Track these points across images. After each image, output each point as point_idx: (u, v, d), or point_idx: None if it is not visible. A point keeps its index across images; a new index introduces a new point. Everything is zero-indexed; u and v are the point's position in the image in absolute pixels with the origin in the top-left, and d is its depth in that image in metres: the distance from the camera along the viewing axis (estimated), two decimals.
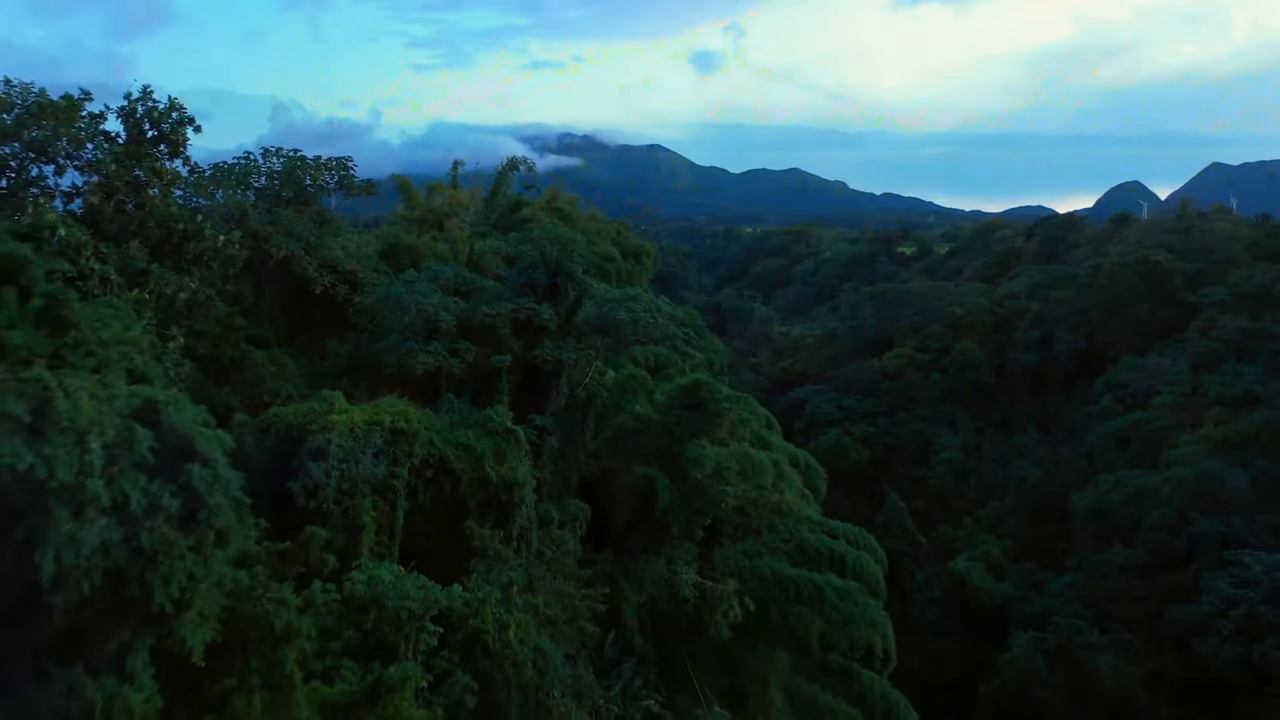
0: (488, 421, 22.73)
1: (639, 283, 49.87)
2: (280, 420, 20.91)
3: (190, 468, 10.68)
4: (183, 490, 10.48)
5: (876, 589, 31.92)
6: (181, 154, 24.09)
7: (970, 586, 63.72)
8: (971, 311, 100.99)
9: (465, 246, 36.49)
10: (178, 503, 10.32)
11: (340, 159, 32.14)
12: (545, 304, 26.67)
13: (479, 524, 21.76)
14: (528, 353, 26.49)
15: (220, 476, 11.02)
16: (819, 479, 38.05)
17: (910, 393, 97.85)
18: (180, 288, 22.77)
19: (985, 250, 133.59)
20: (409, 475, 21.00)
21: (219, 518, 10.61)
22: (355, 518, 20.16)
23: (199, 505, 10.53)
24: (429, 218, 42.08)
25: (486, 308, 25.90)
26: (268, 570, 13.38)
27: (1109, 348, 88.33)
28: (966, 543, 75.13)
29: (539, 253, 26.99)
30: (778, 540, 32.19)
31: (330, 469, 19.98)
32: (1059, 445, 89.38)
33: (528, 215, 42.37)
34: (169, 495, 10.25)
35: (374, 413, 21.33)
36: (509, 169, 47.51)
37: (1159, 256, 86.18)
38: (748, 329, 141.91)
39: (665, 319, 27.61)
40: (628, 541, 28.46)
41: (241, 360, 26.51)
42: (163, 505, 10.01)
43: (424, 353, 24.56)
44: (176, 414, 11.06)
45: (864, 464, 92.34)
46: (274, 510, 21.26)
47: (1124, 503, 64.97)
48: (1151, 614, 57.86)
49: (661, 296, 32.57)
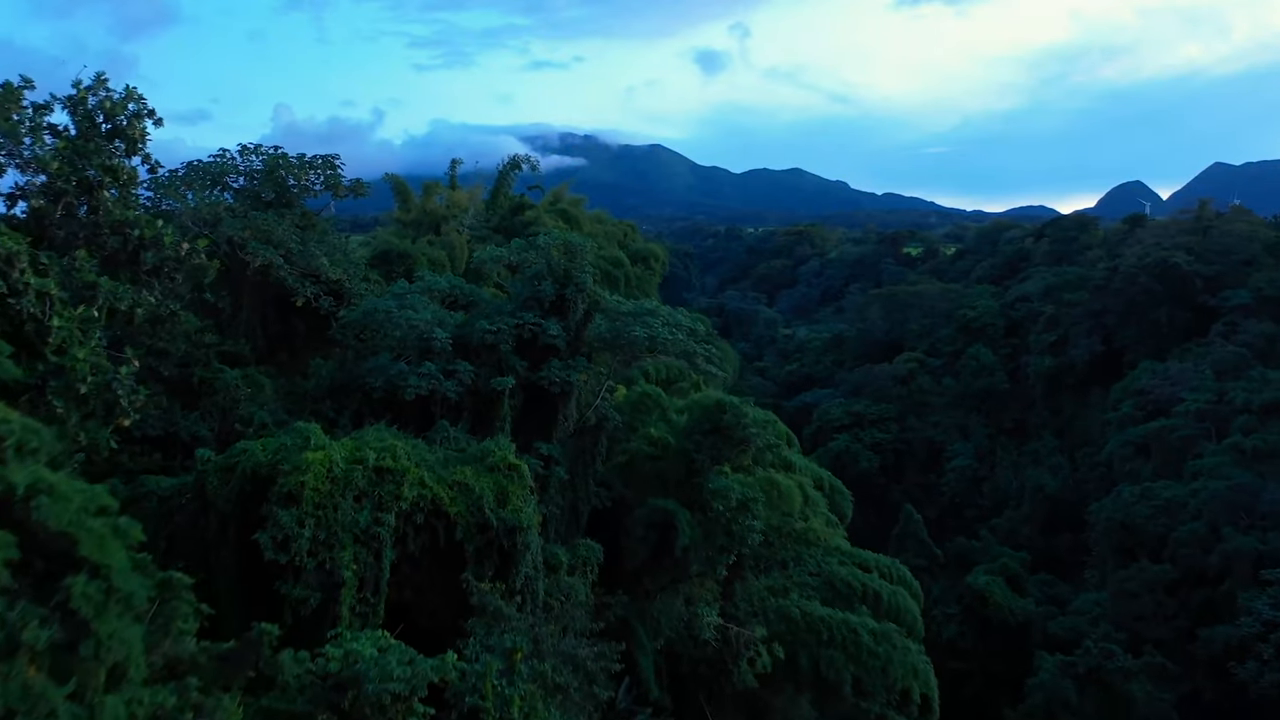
0: (487, 455, 19.75)
1: (648, 288, 46.92)
2: (247, 459, 17.94)
3: (70, 583, 7.71)
4: (58, 614, 7.51)
5: (914, 628, 28.97)
6: (140, 150, 21.08)
7: (991, 603, 60.64)
8: (983, 314, 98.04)
9: (464, 252, 33.49)
10: (49, 633, 7.35)
11: (327, 157, 29.15)
12: (552, 319, 23.67)
13: (477, 575, 18.77)
14: (532, 374, 23.50)
15: (116, 590, 8.00)
16: (845, 502, 35.09)
17: (921, 398, 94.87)
18: (137, 302, 19.75)
19: (993, 251, 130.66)
20: (396, 521, 18.02)
21: (111, 649, 7.63)
22: (333, 573, 17.18)
23: (82, 634, 7.56)
24: (425, 220, 39.00)
25: (486, 324, 22.90)
26: (208, 675, 10.38)
27: (1126, 352, 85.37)
28: (983, 554, 72.11)
29: (545, 262, 24.02)
30: (805, 574, 29.26)
31: (304, 516, 17.02)
32: (1075, 452, 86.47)
33: (531, 218, 39.32)
34: (36, 624, 7.29)
35: (355, 448, 18.35)
36: (510, 169, 44.36)
37: (1177, 258, 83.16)
38: (752, 331, 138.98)
39: (685, 334, 24.64)
40: (643, 580, 25.48)
41: (213, 381, 23.56)
42: (23, 641, 7.06)
43: (415, 375, 21.58)
44: (52, 507, 8.06)
45: (874, 471, 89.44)
46: (242, 565, 18.40)
47: (1150, 516, 62.05)
48: (1183, 634, 55.02)
49: (680, 309, 29.60)
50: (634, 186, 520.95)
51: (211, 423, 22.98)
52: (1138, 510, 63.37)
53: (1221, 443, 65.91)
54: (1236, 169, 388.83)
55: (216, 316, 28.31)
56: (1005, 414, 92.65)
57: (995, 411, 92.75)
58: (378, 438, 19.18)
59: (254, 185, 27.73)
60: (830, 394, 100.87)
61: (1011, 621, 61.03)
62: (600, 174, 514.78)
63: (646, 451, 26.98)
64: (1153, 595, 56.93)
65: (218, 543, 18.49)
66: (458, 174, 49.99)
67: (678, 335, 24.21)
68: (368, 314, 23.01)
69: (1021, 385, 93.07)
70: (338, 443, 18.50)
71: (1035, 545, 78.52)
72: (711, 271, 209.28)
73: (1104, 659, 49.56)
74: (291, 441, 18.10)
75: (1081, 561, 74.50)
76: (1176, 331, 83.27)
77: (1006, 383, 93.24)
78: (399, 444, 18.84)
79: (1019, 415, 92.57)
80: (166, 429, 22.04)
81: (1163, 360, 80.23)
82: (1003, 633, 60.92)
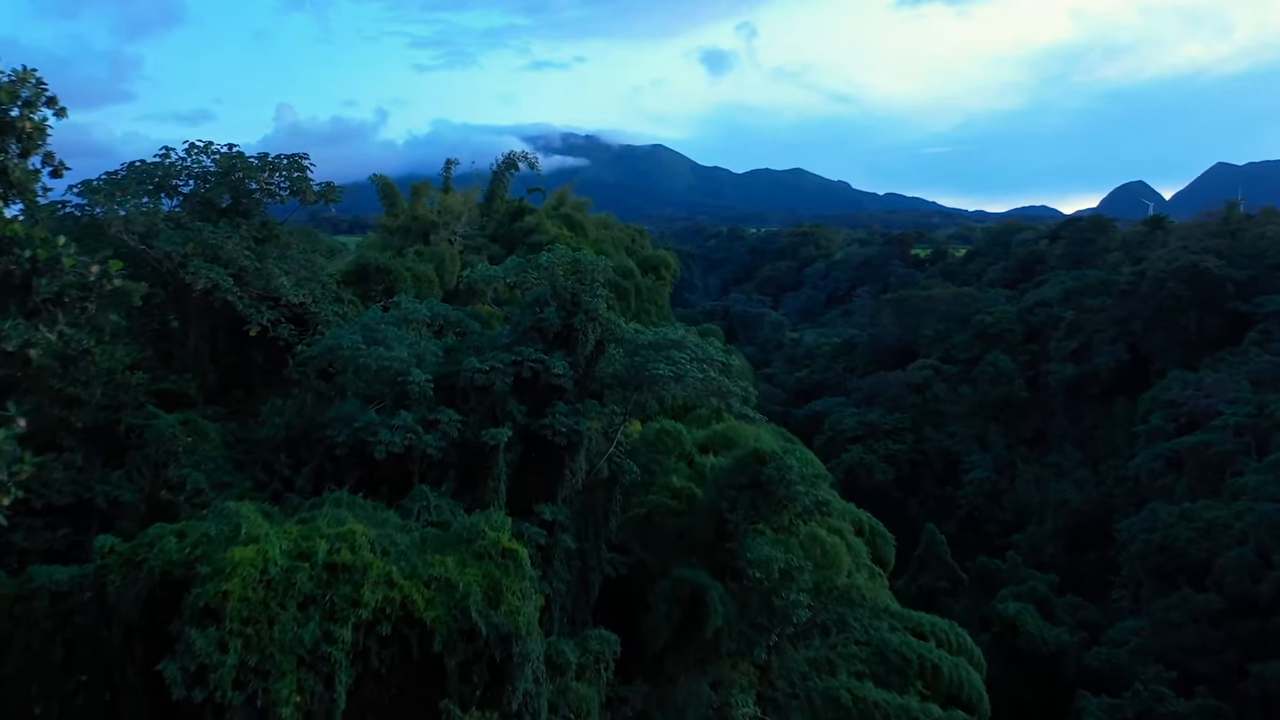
0: (476, 537, 15.29)
1: (660, 300, 42.36)
2: (157, 555, 13.50)
3: None
4: None
5: (979, 706, 24.45)
6: (39, 148, 16.54)
7: (1023, 633, 56.17)
8: (1000, 320, 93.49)
9: (455, 265, 29.01)
10: None
11: (294, 157, 24.63)
12: (557, 353, 19.18)
13: (462, 697, 14.34)
14: (533, 421, 19.02)
15: None
16: (887, 548, 30.65)
17: (937, 406, 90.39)
18: (30, 341, 15.26)
19: (1005, 254, 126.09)
20: (355, 634, 13.58)
21: None
22: (267, 710, 12.74)
23: None
24: (414, 227, 34.33)
25: (477, 360, 18.40)
26: None
27: (1153, 360, 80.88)
28: (1009, 575, 67.59)
29: (549, 284, 19.57)
30: (852, 642, 24.77)
31: (227, 637, 12.58)
32: (1099, 465, 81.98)
33: (531, 224, 34.69)
34: None
35: (301, 538, 13.89)
36: (506, 168, 39.43)
37: (1208, 262, 78.64)
38: (758, 335, 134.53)
39: (717, 371, 20.21)
40: (665, 664, 21.01)
41: (143, 430, 19.10)
42: None
43: (388, 427, 17.10)
44: None
45: (889, 484, 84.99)
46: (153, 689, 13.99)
47: (1191, 539, 57.61)
48: (1233, 669, 50.73)
49: (709, 338, 25.10)
50: (636, 186, 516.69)
51: (140, 483, 18.52)
52: (1177, 532, 58.95)
53: (1264, 460, 61.39)
54: (1239, 169, 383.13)
55: (165, 346, 23.92)
56: (1024, 424, 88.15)
57: (1014, 421, 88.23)
58: (333, 519, 14.70)
59: (205, 190, 23.23)
60: (841, 402, 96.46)
61: (1044, 651, 56.59)
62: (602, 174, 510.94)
63: (668, 505, 22.50)
64: (1197, 626, 52.48)
65: (122, 659, 14.06)
66: (459, 175, 45.35)
67: (709, 372, 19.76)
68: (330, 350, 18.56)
69: (1041, 394, 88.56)
70: (278, 530, 14.03)
71: (1060, 563, 74.20)
72: (714, 272, 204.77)
73: (1154, 702, 45.20)
74: (216, 531, 13.64)
75: (1109, 581, 70.04)
76: (1207, 339, 78.81)
77: (1025, 391, 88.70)
78: (360, 528, 14.36)
79: (1039, 425, 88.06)
80: (79, 494, 17.60)
81: (1193, 369, 75.75)
82: (1035, 663, 56.46)
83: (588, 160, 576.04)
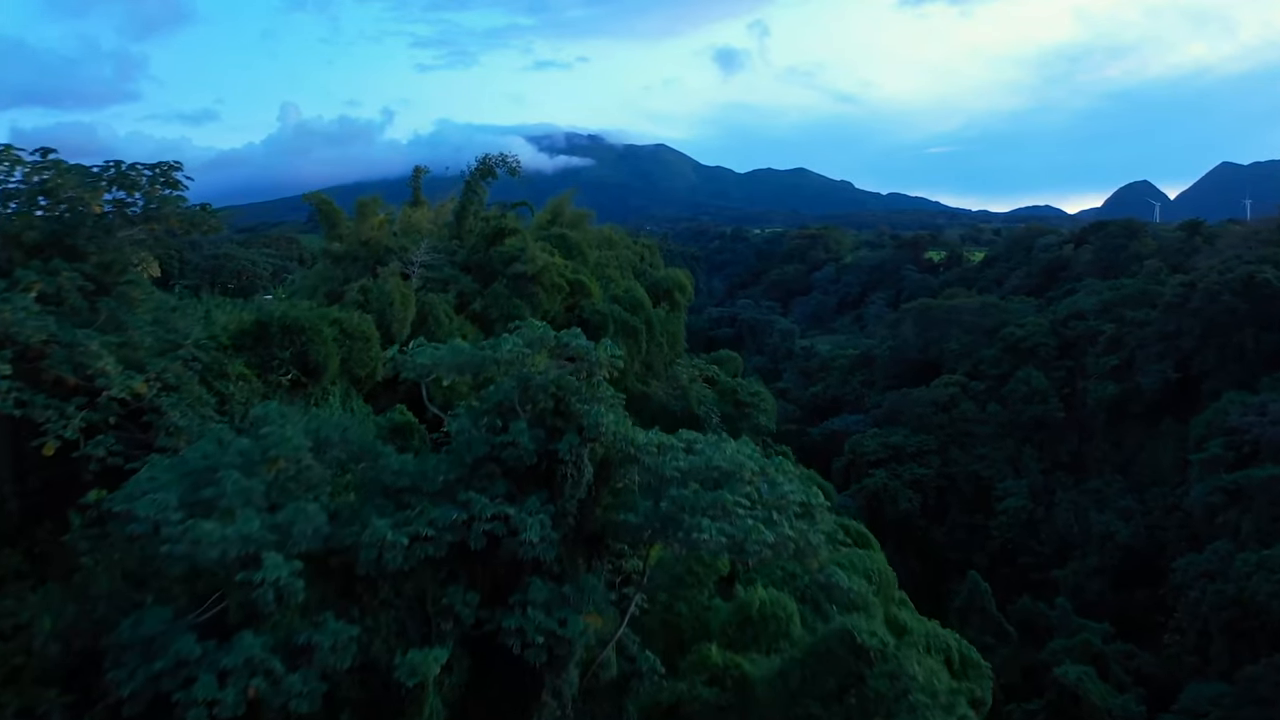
0: None
1: (675, 333, 34.19)
2: None
3: None
4: None
5: None
6: None
7: (1086, 704, 48.09)
8: (1032, 333, 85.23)
9: (408, 311, 20.82)
10: None
11: (162, 165, 16.58)
12: (531, 497, 11.11)
13: None
14: (490, 616, 10.96)
15: None
16: (984, 683, 22.52)
17: (965, 426, 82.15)
18: None
19: (1027, 259, 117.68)
20: None
21: None
22: None
23: None
24: (362, 254, 25.94)
25: (385, 526, 10.36)
26: None
27: (1205, 380, 72.68)
28: (1059, 625, 59.50)
29: (518, 384, 11.49)
30: None
31: None
32: (1144, 493, 73.85)
33: (514, 249, 25.96)
34: None
35: None
36: (480, 176, 29.93)
37: (1266, 273, 70.39)
38: (767, 343, 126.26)
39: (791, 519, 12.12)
40: None
41: None
42: None
43: (208, 669, 9.07)
44: None
45: (915, 512, 76.90)
46: None
47: (1275, 594, 49.57)
48: None
49: (777, 457, 16.80)
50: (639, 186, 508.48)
51: None
52: (1256, 584, 50.84)
53: None
54: (1244, 169, 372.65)
55: None
56: (1061, 446, 79.93)
57: (1049, 443, 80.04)
58: None
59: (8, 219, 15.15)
60: (860, 420, 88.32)
61: None
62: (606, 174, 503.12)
63: (706, 698, 14.35)
64: None
65: None
66: (459, 179, 36.72)
67: (783, 528, 11.66)
68: (118, 519, 10.54)
69: (1078, 414, 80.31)
70: None
71: (1106, 603, 66.29)
72: (718, 274, 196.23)
73: None
74: None
75: (1159, 623, 62.08)
76: (1264, 357, 70.55)
77: (1061, 410, 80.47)
78: None
79: (1076, 448, 79.82)
80: None
81: (1252, 391, 67.53)
82: None
83: (592, 160, 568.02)
